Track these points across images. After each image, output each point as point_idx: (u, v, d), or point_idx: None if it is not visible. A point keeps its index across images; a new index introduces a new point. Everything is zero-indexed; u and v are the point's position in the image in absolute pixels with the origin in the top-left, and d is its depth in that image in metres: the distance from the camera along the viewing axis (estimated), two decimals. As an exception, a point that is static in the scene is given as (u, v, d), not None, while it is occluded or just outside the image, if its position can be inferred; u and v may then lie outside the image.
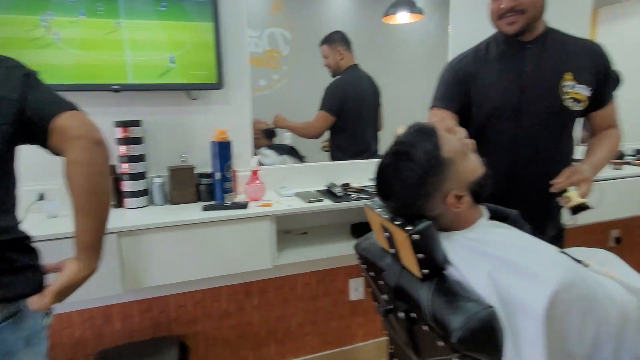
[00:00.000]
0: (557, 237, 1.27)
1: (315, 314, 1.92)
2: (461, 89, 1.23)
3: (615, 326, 0.72)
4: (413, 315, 0.80)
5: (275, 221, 1.47)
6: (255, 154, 1.90)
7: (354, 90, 2.28)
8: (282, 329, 1.87)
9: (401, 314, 0.84)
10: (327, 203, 1.53)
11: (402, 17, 2.60)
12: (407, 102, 2.36)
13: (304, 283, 1.88)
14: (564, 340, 0.70)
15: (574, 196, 0.99)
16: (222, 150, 1.50)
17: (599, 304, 0.70)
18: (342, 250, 1.65)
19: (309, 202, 1.52)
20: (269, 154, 2.28)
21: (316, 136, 2.24)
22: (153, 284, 1.33)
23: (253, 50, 2.29)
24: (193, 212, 1.42)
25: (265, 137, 2.33)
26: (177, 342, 1.59)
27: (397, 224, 0.78)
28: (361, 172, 1.89)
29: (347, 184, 1.74)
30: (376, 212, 0.88)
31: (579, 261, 0.86)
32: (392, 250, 0.86)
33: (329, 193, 1.64)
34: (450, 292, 0.73)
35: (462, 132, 0.84)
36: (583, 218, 1.93)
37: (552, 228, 1.22)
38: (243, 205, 1.46)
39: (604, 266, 1.01)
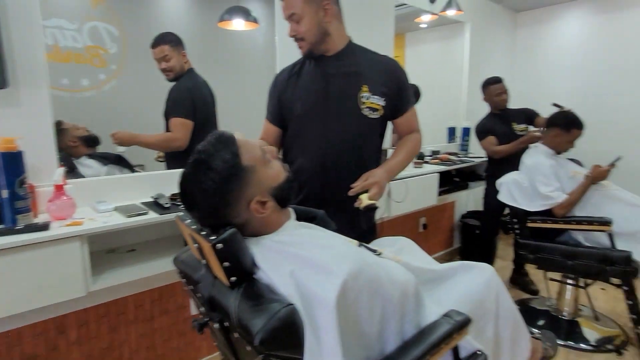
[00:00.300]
0: (370, 230, 1.44)
1: (152, 337, 1.76)
2: (278, 99, 1.39)
3: (397, 303, 0.84)
4: (226, 324, 0.80)
5: (88, 241, 1.29)
6: (69, 165, 1.64)
7: (201, 95, 2.12)
8: (110, 362, 1.66)
9: (216, 325, 0.82)
10: (152, 216, 1.42)
11: (238, 24, 2.61)
12: (241, 109, 2.38)
13: (136, 305, 1.70)
14: (358, 323, 0.79)
15: (364, 198, 1.13)
16: (9, 163, 1.23)
17: (383, 286, 0.81)
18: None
19: (130, 216, 1.39)
20: (90, 165, 1.99)
21: (183, 147, 1.93)
22: None
23: (71, 45, 1.98)
24: (-34, 241, 1.14)
25: (85, 145, 2.03)
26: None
27: (202, 234, 0.77)
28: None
29: (177, 194, 1.65)
30: (185, 224, 0.85)
31: (374, 251, 0.99)
32: (203, 261, 0.84)
33: (156, 205, 1.52)
34: (256, 296, 0.74)
35: (263, 142, 0.88)
36: (396, 210, 2.27)
37: (365, 222, 1.37)
38: (42, 227, 1.23)
39: (401, 251, 1.20)
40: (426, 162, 2.64)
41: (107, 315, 1.62)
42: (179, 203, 1.55)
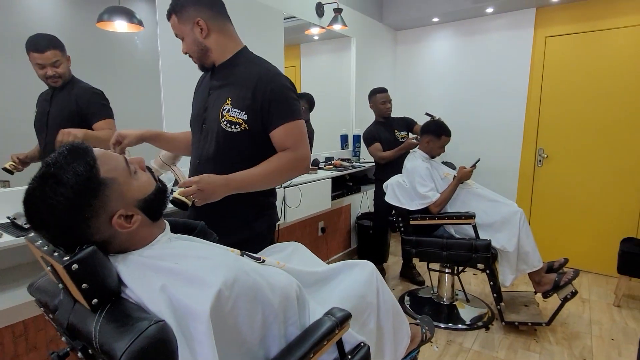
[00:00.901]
0: (260, 235, 1.42)
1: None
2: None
3: (279, 308, 0.86)
4: (91, 352, 0.73)
5: None
6: None
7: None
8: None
9: (79, 354, 0.74)
10: (7, 238, 1.23)
11: (120, 25, 2.44)
12: (124, 114, 2.21)
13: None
14: (237, 331, 0.78)
15: (176, 192, 1.05)
16: None
17: (262, 292, 0.82)
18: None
19: (-24, 242, 1.18)
20: None
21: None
22: None
23: None
24: None
25: None
26: None
27: (54, 256, 0.69)
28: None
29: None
30: (36, 245, 0.75)
31: (258, 259, 1.00)
32: (61, 285, 0.76)
33: (13, 226, 1.32)
34: (122, 316, 0.69)
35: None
36: (292, 215, 2.31)
37: (248, 230, 1.34)
38: None
39: (289, 256, 1.22)
40: (320, 169, 2.75)
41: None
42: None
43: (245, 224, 1.31)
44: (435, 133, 2.48)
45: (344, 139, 3.51)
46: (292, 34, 2.90)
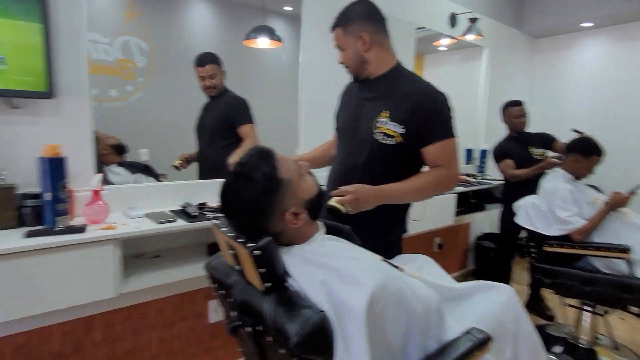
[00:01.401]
0: (391, 244, 1.45)
1: (172, 342, 1.80)
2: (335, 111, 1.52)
3: (421, 317, 0.87)
4: (259, 328, 0.84)
5: (121, 245, 1.35)
6: (100, 172, 1.72)
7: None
8: (131, 365, 1.70)
9: (248, 329, 0.86)
10: (181, 223, 1.48)
11: (263, 42, 2.73)
12: (266, 125, 2.47)
13: (158, 310, 1.75)
14: (384, 334, 0.82)
15: (333, 200, 1.11)
16: (54, 168, 1.32)
17: (407, 299, 0.85)
18: (199, 272, 1.61)
19: (161, 223, 1.45)
20: (120, 172, 2.09)
21: None
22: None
23: (103, 58, 2.10)
24: (11, 239, 1.21)
25: (115, 153, 2.13)
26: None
27: (240, 242, 0.82)
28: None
29: (204, 204, 1.72)
30: (221, 231, 0.90)
31: (396, 266, 1.03)
32: (237, 267, 0.89)
33: (184, 213, 1.59)
34: (289, 302, 0.79)
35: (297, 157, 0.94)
36: (413, 228, 2.29)
37: (382, 238, 1.38)
38: (79, 229, 1.30)
39: (421, 268, 1.22)
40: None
41: (130, 318, 1.67)
42: (206, 212, 1.61)
43: (380, 232, 1.35)
44: (584, 152, 2.20)
45: (468, 153, 3.35)
46: (418, 45, 2.89)
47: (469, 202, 2.88)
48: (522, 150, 2.76)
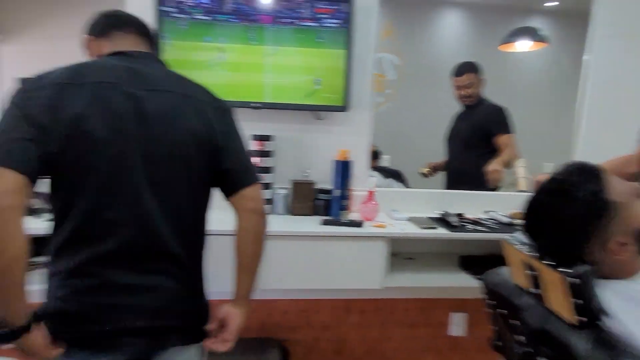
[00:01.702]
0: None
1: (412, 342, 1.88)
2: None
3: None
4: (558, 362, 0.76)
5: (389, 243, 1.49)
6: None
7: None
8: (377, 351, 1.86)
9: (541, 359, 0.79)
10: (442, 231, 1.51)
11: (522, 45, 2.51)
12: (529, 136, 2.25)
13: (404, 309, 1.85)
14: None
15: None
16: (344, 170, 1.58)
17: None
18: (448, 282, 1.61)
19: (423, 228, 1.52)
20: (375, 176, 2.32)
21: None
22: (266, 287, 1.42)
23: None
24: (312, 224, 1.51)
25: (373, 158, 2.38)
26: (279, 345, 1.68)
27: (548, 264, 0.75)
28: (474, 203, 1.83)
29: (461, 214, 1.70)
30: (517, 248, 0.85)
31: None
32: (535, 290, 0.82)
33: (443, 222, 1.61)
34: (612, 345, 0.67)
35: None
36: None
37: None
38: (359, 224, 1.51)
39: None
40: None
41: (381, 310, 1.83)
42: (465, 223, 1.60)
43: None
44: None
45: None
46: None
47: None
48: None
